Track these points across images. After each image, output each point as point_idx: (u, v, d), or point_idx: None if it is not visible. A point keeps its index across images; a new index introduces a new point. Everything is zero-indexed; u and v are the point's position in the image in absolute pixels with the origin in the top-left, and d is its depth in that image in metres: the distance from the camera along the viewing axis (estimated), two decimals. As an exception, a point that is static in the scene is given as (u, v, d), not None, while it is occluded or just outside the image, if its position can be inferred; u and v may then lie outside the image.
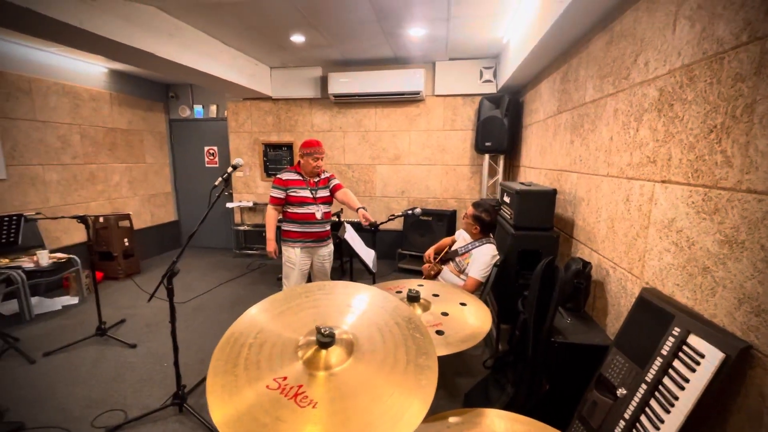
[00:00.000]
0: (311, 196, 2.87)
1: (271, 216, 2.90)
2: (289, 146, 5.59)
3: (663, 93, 1.54)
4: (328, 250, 3.05)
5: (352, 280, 2.64)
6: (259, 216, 5.88)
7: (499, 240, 2.76)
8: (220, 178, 2.22)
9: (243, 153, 5.73)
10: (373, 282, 2.60)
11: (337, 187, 2.97)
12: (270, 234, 2.91)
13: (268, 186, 5.67)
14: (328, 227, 3.01)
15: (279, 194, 2.85)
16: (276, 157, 5.68)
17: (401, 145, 5.24)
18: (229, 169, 2.26)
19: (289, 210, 2.88)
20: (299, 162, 2.91)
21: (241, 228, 5.85)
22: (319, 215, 2.88)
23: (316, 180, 2.93)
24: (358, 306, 1.23)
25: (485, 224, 2.63)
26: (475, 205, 2.70)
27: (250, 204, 5.74)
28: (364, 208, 2.72)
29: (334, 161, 5.45)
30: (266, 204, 3.17)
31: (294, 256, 2.88)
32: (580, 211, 2.40)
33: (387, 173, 5.36)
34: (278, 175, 2.89)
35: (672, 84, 1.48)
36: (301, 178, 2.88)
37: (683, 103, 1.41)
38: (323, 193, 2.93)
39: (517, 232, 2.48)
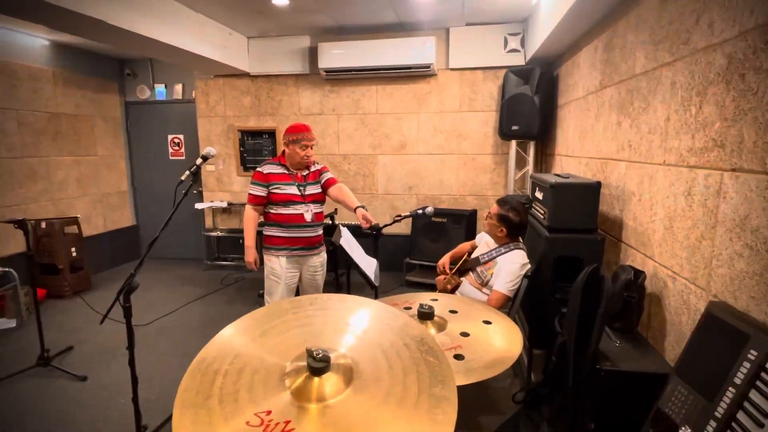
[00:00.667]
0: (299, 193, 2.88)
1: (250, 219, 2.91)
2: (271, 133, 5.62)
3: (732, 61, 1.53)
4: (320, 259, 3.06)
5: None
6: (236, 219, 5.90)
7: (530, 245, 2.76)
8: (187, 172, 2.23)
9: (215, 142, 5.76)
10: (376, 298, 2.60)
11: (330, 182, 2.98)
12: (249, 241, 2.92)
13: (245, 182, 5.69)
14: (320, 231, 3.02)
15: (259, 192, 2.85)
16: (255, 147, 5.71)
17: (408, 130, 5.26)
18: (198, 161, 2.26)
19: (272, 211, 2.89)
20: (284, 152, 2.93)
21: (214, 234, 5.87)
22: (308, 217, 2.89)
23: (304, 174, 2.94)
24: (358, 324, 1.23)
25: (513, 225, 2.63)
26: (501, 202, 2.70)
27: (224, 204, 5.76)
28: (363, 207, 2.73)
29: (326, 151, 5.47)
30: (244, 204, 3.18)
31: (278, 268, 2.89)
32: (630, 208, 2.39)
33: (391, 165, 5.37)
34: (258, 169, 2.90)
35: (743, 49, 1.47)
36: (286, 171, 2.89)
37: (758, 72, 1.40)
38: (314, 189, 2.94)
39: (553, 234, 2.48)
